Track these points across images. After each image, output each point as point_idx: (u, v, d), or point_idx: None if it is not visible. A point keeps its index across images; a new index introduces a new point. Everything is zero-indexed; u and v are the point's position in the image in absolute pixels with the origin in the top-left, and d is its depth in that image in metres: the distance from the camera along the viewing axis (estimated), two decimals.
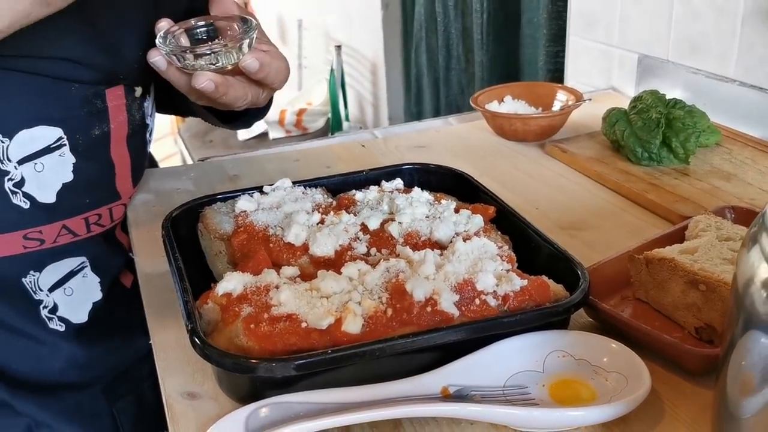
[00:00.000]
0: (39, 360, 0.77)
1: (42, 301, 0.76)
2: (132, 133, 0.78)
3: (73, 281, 0.78)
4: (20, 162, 0.70)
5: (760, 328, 0.39)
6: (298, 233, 0.62)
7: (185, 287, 0.56)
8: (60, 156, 0.72)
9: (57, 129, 0.71)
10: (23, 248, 0.73)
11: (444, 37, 2.08)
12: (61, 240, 0.75)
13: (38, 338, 0.77)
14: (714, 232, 0.63)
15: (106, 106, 0.74)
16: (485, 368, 0.51)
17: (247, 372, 0.48)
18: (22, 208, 0.71)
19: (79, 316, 0.80)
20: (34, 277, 0.75)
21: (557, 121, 0.98)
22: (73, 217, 0.75)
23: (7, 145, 0.68)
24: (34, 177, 0.71)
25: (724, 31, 1.00)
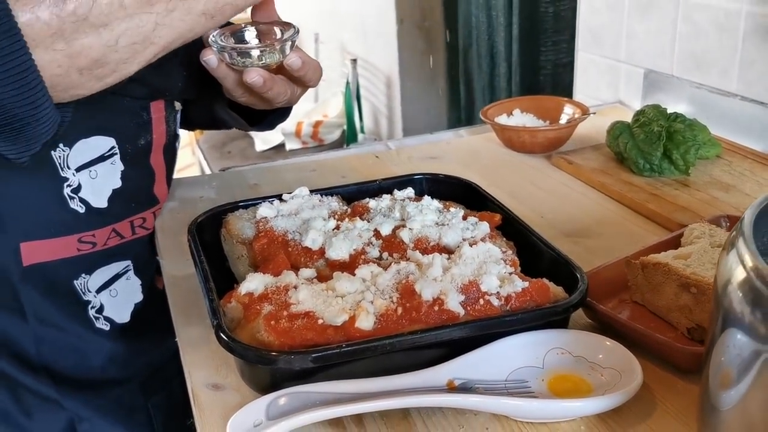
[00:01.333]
0: (84, 357, 0.82)
1: (90, 302, 0.81)
2: (168, 143, 0.83)
3: (118, 283, 0.83)
4: (78, 169, 0.74)
5: (737, 326, 0.42)
6: (315, 238, 0.66)
7: (210, 287, 0.60)
8: (111, 164, 0.77)
9: (110, 139, 0.76)
10: (77, 251, 0.78)
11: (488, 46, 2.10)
12: (110, 243, 0.80)
13: (85, 337, 0.81)
14: (707, 239, 0.66)
15: (150, 117, 0.79)
16: (488, 363, 0.55)
17: (268, 364, 0.52)
18: (78, 212, 0.76)
19: (123, 316, 0.84)
20: (85, 280, 0.80)
21: (564, 134, 1.02)
22: (121, 221, 0.80)
23: (68, 153, 0.73)
24: (89, 183, 0.76)
25: (726, 47, 1.03)
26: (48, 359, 0.80)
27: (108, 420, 0.83)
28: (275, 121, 0.88)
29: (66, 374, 0.81)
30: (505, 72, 1.95)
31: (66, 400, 0.81)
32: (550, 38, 1.78)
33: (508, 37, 1.89)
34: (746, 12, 1.00)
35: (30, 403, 0.80)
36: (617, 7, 1.21)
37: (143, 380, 0.87)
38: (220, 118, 0.88)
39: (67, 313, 0.80)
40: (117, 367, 0.84)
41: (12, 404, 0.79)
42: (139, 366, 0.87)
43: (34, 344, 0.79)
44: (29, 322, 0.78)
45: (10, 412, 0.79)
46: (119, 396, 0.85)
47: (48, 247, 0.76)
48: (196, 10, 0.59)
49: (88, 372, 0.82)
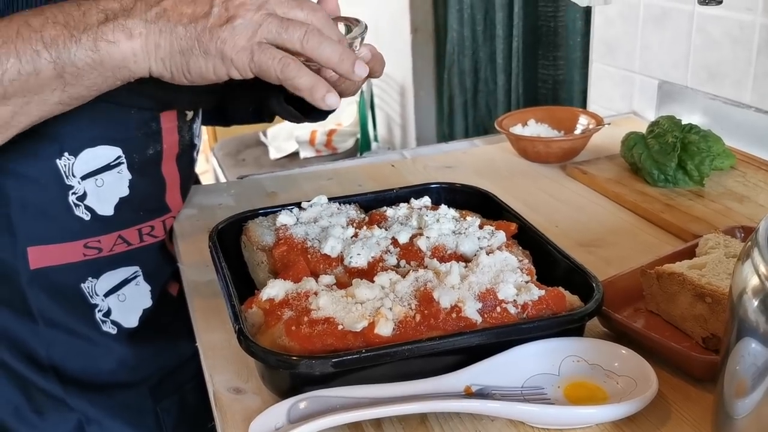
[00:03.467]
0: (92, 360, 0.83)
1: (97, 305, 0.82)
2: (181, 152, 0.84)
3: (127, 288, 0.84)
4: (83, 178, 0.76)
5: (752, 335, 0.43)
6: (334, 245, 0.67)
7: (231, 293, 0.61)
8: (118, 173, 0.78)
9: (116, 149, 0.77)
10: (83, 256, 0.79)
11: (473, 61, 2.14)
12: (117, 249, 0.81)
13: (92, 339, 0.83)
14: (722, 250, 0.67)
15: (159, 128, 0.80)
16: (505, 370, 0.56)
17: (289, 368, 0.54)
18: (84, 219, 0.78)
19: (130, 320, 0.86)
20: (92, 283, 0.81)
21: (578, 144, 1.03)
22: (128, 228, 0.81)
23: (73, 162, 0.75)
24: (95, 191, 0.77)
25: (741, 59, 1.04)
26: (57, 361, 0.82)
27: (116, 422, 0.84)
28: (327, 113, 0.88)
29: (74, 376, 0.82)
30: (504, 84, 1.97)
31: (73, 401, 0.83)
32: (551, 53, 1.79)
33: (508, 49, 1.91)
34: (760, 24, 1.00)
35: (40, 402, 0.82)
36: (631, 19, 1.22)
37: (153, 385, 0.88)
38: (270, 111, 0.88)
39: (74, 316, 0.81)
40: (125, 371, 0.85)
41: (24, 402, 0.81)
42: (148, 370, 0.88)
43: (43, 346, 0.81)
44: (38, 324, 0.80)
45: (22, 410, 0.81)
46: (128, 399, 0.86)
47: (54, 252, 0.78)
48: (51, 101, 0.61)
49: (96, 374, 0.84)
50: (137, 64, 0.61)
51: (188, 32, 0.60)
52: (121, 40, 0.60)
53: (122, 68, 0.61)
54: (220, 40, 0.60)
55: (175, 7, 0.61)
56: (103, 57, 0.59)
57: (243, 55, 0.60)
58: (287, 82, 0.61)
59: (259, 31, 0.60)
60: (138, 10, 0.60)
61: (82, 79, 0.60)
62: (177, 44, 0.60)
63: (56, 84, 0.60)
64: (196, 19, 0.60)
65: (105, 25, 0.59)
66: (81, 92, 0.62)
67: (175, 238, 0.87)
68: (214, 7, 0.60)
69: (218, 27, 0.60)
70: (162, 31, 0.60)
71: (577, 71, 1.70)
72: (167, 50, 0.61)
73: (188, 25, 0.60)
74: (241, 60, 0.60)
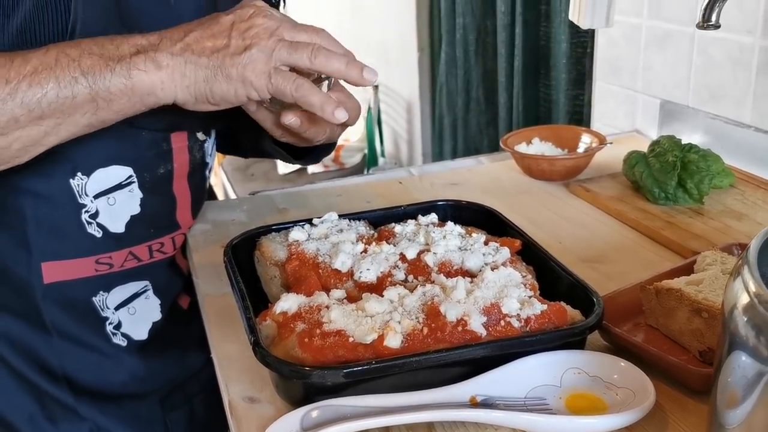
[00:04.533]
0: (103, 371, 0.86)
1: (108, 318, 0.85)
2: (192, 171, 0.87)
3: (137, 302, 0.87)
4: (96, 196, 0.80)
5: (742, 349, 0.45)
6: (345, 261, 0.70)
7: (247, 305, 0.64)
8: (129, 192, 0.81)
9: (128, 168, 0.81)
10: (95, 271, 0.82)
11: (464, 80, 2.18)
12: (127, 264, 0.84)
13: (103, 351, 0.86)
14: (719, 266, 0.69)
15: (170, 148, 0.84)
16: (509, 381, 0.58)
17: (302, 378, 0.56)
18: (96, 236, 0.81)
19: (140, 333, 0.88)
20: (103, 297, 0.84)
21: (581, 163, 1.05)
22: (138, 245, 0.84)
23: (86, 182, 0.78)
24: (107, 210, 0.80)
25: (740, 80, 1.07)
26: (69, 371, 0.84)
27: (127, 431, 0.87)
28: (320, 156, 0.92)
29: (85, 386, 0.85)
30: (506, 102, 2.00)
31: (85, 410, 0.85)
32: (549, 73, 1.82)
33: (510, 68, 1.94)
34: (760, 46, 1.03)
35: (54, 411, 0.85)
36: (634, 40, 1.25)
37: (163, 396, 0.91)
38: (267, 152, 0.92)
39: (85, 328, 0.84)
40: (135, 382, 0.88)
41: (38, 410, 0.84)
42: (158, 382, 0.90)
43: (56, 357, 0.83)
44: (52, 335, 0.83)
45: (36, 418, 0.84)
46: (138, 409, 0.88)
47: (67, 267, 0.81)
48: (81, 123, 0.67)
49: (106, 385, 0.86)
50: (164, 92, 0.67)
51: (211, 61, 0.67)
52: (150, 70, 0.66)
53: (150, 95, 0.67)
54: (241, 66, 0.67)
55: (197, 41, 0.67)
56: (135, 84, 0.66)
57: (262, 77, 0.67)
58: (301, 99, 0.69)
59: (273, 55, 0.68)
60: (164, 45, 0.67)
61: (113, 104, 0.66)
62: (201, 73, 0.67)
63: (89, 108, 0.65)
64: (218, 50, 0.67)
65: (137, 56, 0.66)
66: (109, 116, 0.67)
67: (189, 252, 0.90)
68: (232, 39, 0.68)
69: (238, 55, 0.67)
70: (187, 62, 0.67)
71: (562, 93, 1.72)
72: (192, 78, 0.67)
73: (211, 55, 0.67)
74: (260, 82, 0.68)
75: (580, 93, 1.68)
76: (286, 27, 0.70)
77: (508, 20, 1.90)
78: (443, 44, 2.25)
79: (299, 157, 0.91)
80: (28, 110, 0.63)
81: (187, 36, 0.68)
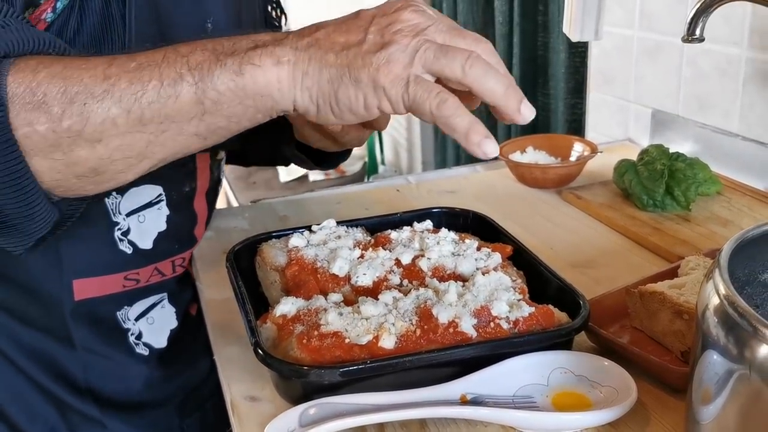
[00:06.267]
0: (125, 382, 0.88)
1: (129, 330, 0.87)
2: (210, 188, 0.90)
3: (154, 311, 0.89)
4: (128, 214, 0.81)
5: (713, 348, 0.47)
6: (342, 266, 0.72)
7: (248, 309, 0.67)
8: (158, 209, 0.83)
9: (158, 187, 0.82)
10: (123, 287, 0.84)
11: None
12: (152, 280, 0.86)
13: (126, 363, 0.87)
14: (702, 270, 0.72)
15: (195, 167, 0.86)
16: (498, 380, 0.61)
17: (300, 377, 0.59)
18: (126, 253, 0.82)
19: (160, 341, 0.90)
20: (126, 311, 0.86)
21: (573, 171, 1.08)
22: (163, 261, 0.86)
23: (120, 200, 0.80)
24: (137, 227, 0.82)
25: (728, 90, 1.10)
26: (94, 384, 0.86)
27: None
28: (339, 160, 0.93)
29: (109, 397, 0.87)
30: None
31: (109, 421, 0.87)
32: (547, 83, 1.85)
33: None
34: (746, 58, 1.06)
35: (75, 422, 0.86)
36: (626, 51, 1.28)
37: (179, 403, 0.93)
38: (284, 157, 0.93)
39: (110, 342, 0.86)
40: (155, 391, 0.90)
41: (59, 422, 0.86)
42: (174, 389, 0.92)
43: (81, 370, 0.85)
44: (77, 350, 0.84)
45: (58, 429, 0.86)
46: (157, 417, 0.90)
47: (97, 284, 0.82)
48: (188, 131, 0.58)
49: (129, 395, 0.88)
50: (281, 93, 0.57)
51: (339, 59, 0.56)
52: (267, 65, 0.56)
53: (265, 96, 0.57)
54: (373, 67, 0.55)
55: (328, 36, 0.57)
56: (246, 81, 0.56)
57: (398, 84, 0.55)
58: (442, 120, 0.56)
59: (416, 57, 0.55)
60: (289, 40, 0.57)
61: (222, 106, 0.57)
62: (326, 72, 0.56)
63: (195, 110, 0.57)
64: (349, 46, 0.56)
65: (253, 51, 0.56)
66: (219, 123, 0.58)
67: (193, 259, 0.93)
68: (369, 34, 0.56)
69: (372, 53, 0.55)
70: (311, 58, 0.56)
71: (561, 102, 1.75)
72: (315, 78, 0.56)
73: (340, 52, 0.56)
74: (395, 90, 0.55)
75: (579, 102, 1.71)
76: (440, 27, 0.57)
77: (506, 30, 1.93)
78: None
79: (319, 163, 0.92)
80: (126, 110, 0.56)
81: (318, 31, 0.57)
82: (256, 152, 1.01)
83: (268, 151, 0.97)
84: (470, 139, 0.55)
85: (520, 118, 0.58)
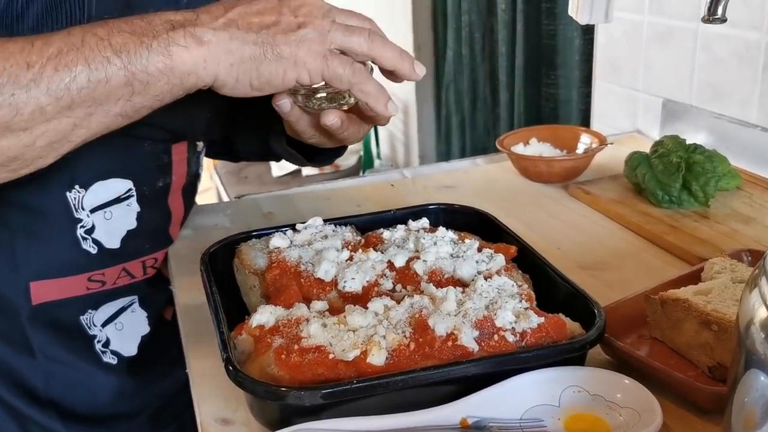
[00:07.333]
0: (92, 392, 0.82)
1: (96, 336, 0.81)
2: (187, 183, 0.84)
3: (123, 316, 0.83)
4: (92, 211, 0.75)
5: (760, 367, 0.41)
6: (328, 269, 0.65)
7: (221, 319, 0.59)
8: (127, 206, 0.78)
9: (128, 181, 0.77)
10: (86, 290, 0.78)
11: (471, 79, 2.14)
12: (120, 282, 0.81)
13: (92, 372, 0.82)
14: (729, 275, 0.65)
15: (170, 160, 0.80)
16: (503, 401, 0.54)
17: (277, 399, 0.52)
18: (90, 253, 0.77)
19: (130, 348, 0.84)
20: (91, 315, 0.80)
21: (581, 164, 1.01)
22: (132, 261, 0.80)
23: (83, 195, 0.74)
24: (103, 224, 0.76)
25: (746, 78, 1.03)
26: (56, 395, 0.80)
27: None
28: (333, 157, 0.88)
29: (73, 409, 0.81)
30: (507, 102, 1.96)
31: None
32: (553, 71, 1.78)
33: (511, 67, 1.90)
34: (766, 42, 0.99)
35: None
36: (635, 37, 1.21)
37: (152, 414, 0.87)
38: (274, 153, 0.87)
39: (73, 349, 0.80)
40: (125, 402, 0.84)
41: None
42: (147, 399, 0.86)
43: (42, 380, 0.79)
44: (37, 358, 0.78)
45: None
46: (127, 430, 0.84)
47: (58, 287, 0.76)
48: (113, 112, 0.59)
49: (96, 407, 0.82)
50: (206, 70, 0.60)
51: (260, 38, 0.61)
52: (192, 46, 0.59)
53: (191, 74, 0.60)
54: (294, 44, 0.61)
55: (243, 17, 0.61)
56: (175, 62, 0.58)
57: (317, 59, 0.62)
58: (357, 86, 0.64)
59: (328, 36, 0.63)
60: (203, 20, 0.60)
61: (150, 87, 0.59)
62: (249, 50, 0.61)
63: (123, 92, 0.58)
64: (267, 26, 0.61)
65: (174, 32, 0.59)
66: (145, 102, 0.60)
67: (168, 259, 0.86)
68: (283, 16, 0.62)
69: (292, 32, 0.61)
70: (233, 37, 0.60)
71: (575, 90, 1.69)
72: (238, 56, 0.60)
73: (259, 31, 0.61)
74: (315, 63, 0.62)
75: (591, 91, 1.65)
76: (337, 9, 0.65)
77: (509, 17, 1.86)
78: (450, 42, 2.21)
79: (311, 159, 0.87)
80: (55, 98, 0.55)
81: (229, 12, 0.61)
82: (245, 147, 0.95)
83: (257, 147, 0.91)
84: (380, 100, 0.66)
85: (416, 76, 0.68)
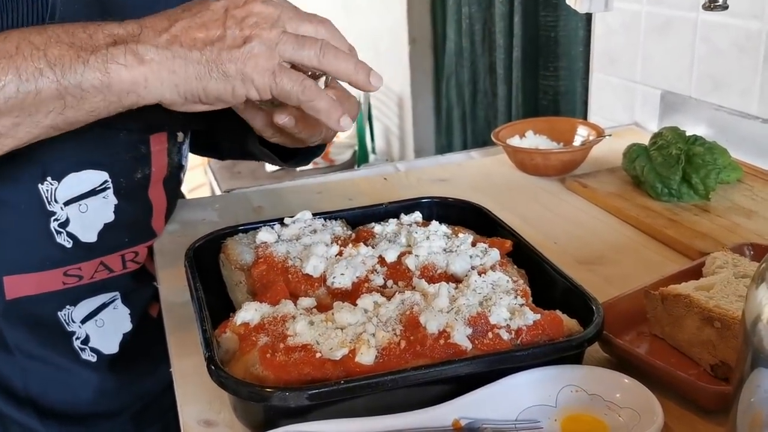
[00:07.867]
0: (71, 390, 0.80)
1: (74, 333, 0.79)
2: (169, 175, 0.81)
3: (104, 313, 0.80)
4: (66, 203, 0.73)
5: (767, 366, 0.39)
6: (317, 265, 0.63)
7: (204, 317, 0.57)
8: (104, 198, 0.75)
9: (103, 173, 0.74)
10: (62, 284, 0.76)
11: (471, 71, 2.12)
12: (97, 276, 0.78)
13: (71, 369, 0.79)
14: (731, 269, 0.63)
15: (149, 150, 0.77)
16: (497, 401, 0.52)
17: (261, 401, 0.49)
18: (65, 247, 0.74)
19: (110, 346, 0.82)
20: (69, 311, 0.78)
21: (578, 156, 0.99)
22: (111, 254, 0.78)
23: (56, 187, 0.72)
24: (78, 218, 0.74)
25: (747, 68, 1.00)
26: (34, 393, 0.78)
27: None
28: (309, 158, 0.85)
29: (52, 408, 0.79)
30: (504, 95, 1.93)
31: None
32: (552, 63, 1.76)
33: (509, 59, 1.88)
34: (767, 32, 0.96)
35: None
36: (633, 28, 1.19)
37: (135, 413, 0.84)
38: (251, 153, 0.85)
39: (51, 346, 0.78)
40: (106, 400, 0.82)
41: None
42: (130, 398, 0.84)
43: (20, 378, 0.77)
44: (14, 354, 0.76)
45: None
46: (109, 429, 0.82)
47: (32, 281, 0.74)
48: (44, 124, 0.57)
49: (75, 405, 0.80)
50: (147, 90, 0.58)
51: (204, 56, 0.58)
52: (132, 64, 0.57)
53: (130, 93, 0.58)
54: (240, 61, 0.58)
55: (186, 32, 0.58)
56: (112, 80, 0.56)
57: (265, 75, 0.59)
58: (307, 103, 0.61)
59: (276, 49, 0.59)
60: (146, 36, 0.58)
61: (84, 102, 0.57)
62: (193, 69, 0.58)
63: (55, 105, 0.56)
64: (212, 42, 0.58)
65: (115, 47, 0.57)
66: (78, 116, 0.58)
67: (154, 255, 0.83)
68: (228, 29, 0.58)
69: (236, 48, 0.58)
70: (176, 56, 0.57)
71: (579, 82, 1.67)
72: (182, 76, 0.58)
73: (203, 48, 0.58)
74: (262, 81, 0.59)
75: None
76: (288, 15, 0.61)
77: (506, 9, 1.83)
78: (450, 34, 2.19)
79: (287, 159, 0.84)
80: None
81: (173, 26, 0.58)
82: (227, 144, 0.93)
83: (237, 144, 0.88)
84: (332, 116, 0.62)
85: (372, 87, 0.64)
